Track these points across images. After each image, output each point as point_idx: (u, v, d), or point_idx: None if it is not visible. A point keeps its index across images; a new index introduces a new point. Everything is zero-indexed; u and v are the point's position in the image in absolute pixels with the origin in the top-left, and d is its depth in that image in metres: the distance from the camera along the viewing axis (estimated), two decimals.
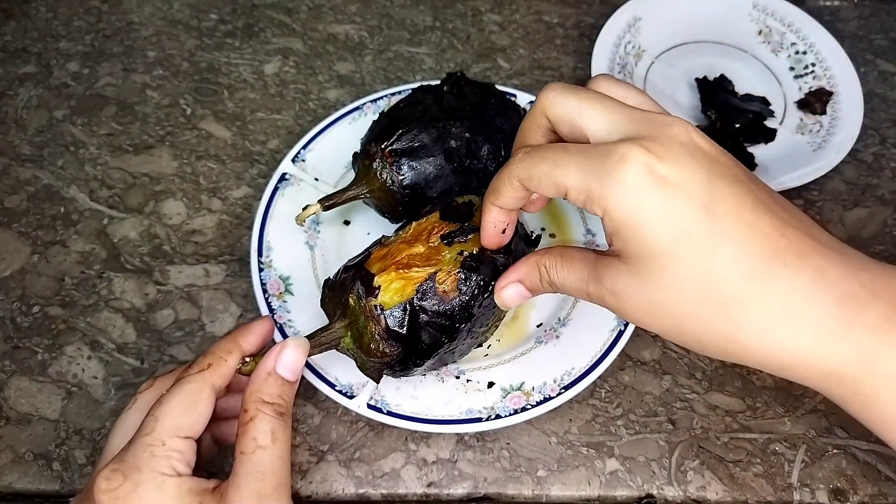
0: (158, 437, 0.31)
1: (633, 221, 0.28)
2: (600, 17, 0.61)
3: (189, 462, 0.32)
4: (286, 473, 0.33)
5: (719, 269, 0.28)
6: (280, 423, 0.33)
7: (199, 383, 0.33)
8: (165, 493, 0.30)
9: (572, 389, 0.41)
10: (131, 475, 0.30)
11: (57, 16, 0.63)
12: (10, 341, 0.45)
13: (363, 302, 0.36)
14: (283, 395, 0.34)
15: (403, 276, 0.36)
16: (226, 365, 0.35)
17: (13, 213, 0.51)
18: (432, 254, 0.37)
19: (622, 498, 0.41)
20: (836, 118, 0.55)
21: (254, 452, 0.32)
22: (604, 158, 0.29)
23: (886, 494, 0.41)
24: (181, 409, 0.32)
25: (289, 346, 0.35)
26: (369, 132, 0.45)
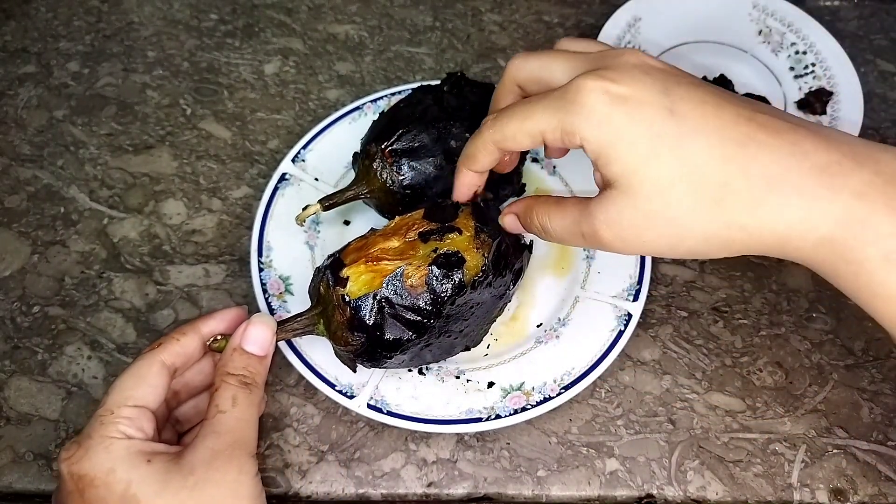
0: (108, 408, 0.33)
1: (607, 140, 0.30)
2: (600, 17, 0.61)
3: (141, 427, 0.33)
4: (247, 434, 0.34)
5: (698, 161, 0.30)
6: (243, 391, 0.35)
7: (147, 359, 0.35)
8: (113, 454, 0.32)
9: (572, 389, 0.41)
10: (84, 442, 0.33)
11: (57, 16, 0.63)
12: (10, 341, 0.45)
13: (332, 291, 0.37)
14: (249, 367, 0.36)
15: (373, 269, 0.37)
16: (177, 343, 0.36)
17: (13, 213, 0.51)
18: (406, 249, 0.37)
19: (622, 498, 0.41)
20: (836, 118, 0.55)
21: (214, 417, 0.34)
22: (565, 94, 0.31)
23: (886, 494, 0.41)
24: (129, 382, 0.35)
25: (253, 323, 0.37)
26: (369, 132, 0.45)
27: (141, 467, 0.32)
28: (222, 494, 0.32)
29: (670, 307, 0.47)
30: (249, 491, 0.33)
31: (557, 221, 0.34)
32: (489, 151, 0.35)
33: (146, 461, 0.32)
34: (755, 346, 0.46)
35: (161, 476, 0.32)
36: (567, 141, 0.32)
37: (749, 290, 0.48)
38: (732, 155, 0.29)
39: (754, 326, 0.47)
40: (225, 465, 0.32)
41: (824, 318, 0.47)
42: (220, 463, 0.32)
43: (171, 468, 0.32)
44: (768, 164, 0.29)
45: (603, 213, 0.32)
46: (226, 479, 0.32)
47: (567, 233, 0.34)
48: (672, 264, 0.49)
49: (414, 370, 0.42)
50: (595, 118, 0.30)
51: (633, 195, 0.31)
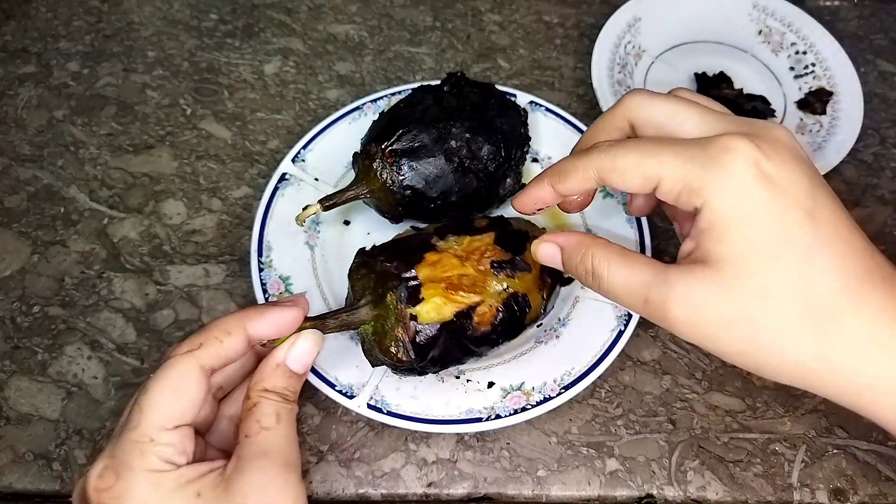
0: (145, 433, 0.29)
1: (735, 215, 0.27)
2: (600, 17, 0.61)
3: (185, 450, 0.30)
4: (294, 454, 0.31)
5: (818, 280, 0.27)
6: (285, 407, 0.32)
7: (186, 366, 0.30)
8: (161, 490, 0.28)
9: (572, 389, 0.41)
10: (124, 474, 0.28)
11: (57, 16, 0.63)
12: (10, 341, 0.45)
13: (401, 306, 0.36)
14: (289, 387, 0.33)
15: (448, 297, 0.36)
16: (220, 346, 0.31)
17: (13, 213, 0.51)
18: (479, 280, 0.37)
19: (622, 498, 0.41)
20: (836, 118, 0.55)
21: (258, 434, 0.31)
22: (707, 148, 0.27)
23: (886, 494, 0.41)
24: (166, 398, 0.30)
25: (302, 338, 0.34)
26: (369, 132, 0.45)
27: (191, 503, 0.29)
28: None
29: None
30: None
31: (621, 275, 0.30)
32: (587, 178, 0.31)
33: (196, 494, 0.29)
34: None
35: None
36: (684, 199, 0.28)
37: None
38: (851, 288, 0.27)
39: None
40: (281, 491, 0.30)
41: None
42: (274, 490, 0.29)
43: (222, 497, 0.29)
44: (879, 310, 0.27)
45: (685, 287, 0.28)
46: None
47: (625, 290, 0.30)
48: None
49: None
50: (734, 187, 0.27)
51: (732, 287, 0.27)
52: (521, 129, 0.46)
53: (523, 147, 0.47)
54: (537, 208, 0.35)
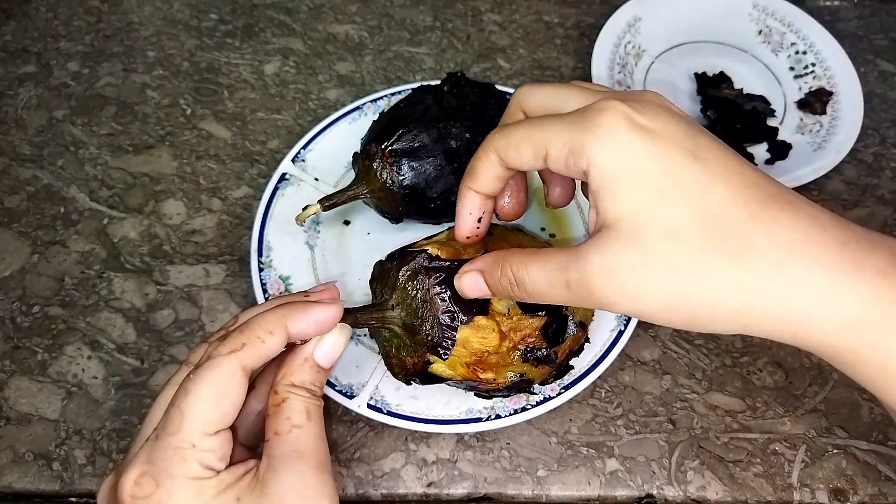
0: (187, 439, 0.28)
1: (619, 169, 0.27)
2: (600, 17, 0.61)
3: (224, 455, 0.29)
4: (325, 453, 0.31)
5: (719, 210, 0.27)
6: (314, 403, 0.31)
7: (229, 367, 0.29)
8: (204, 496, 0.28)
9: (572, 389, 0.41)
10: (164, 481, 0.27)
11: (57, 16, 0.63)
12: (10, 341, 0.45)
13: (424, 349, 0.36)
14: (317, 381, 0.32)
15: (467, 370, 0.36)
16: (263, 346, 0.30)
17: (13, 213, 0.51)
18: (504, 360, 0.36)
19: (622, 498, 0.41)
20: (836, 118, 0.55)
21: (289, 432, 0.30)
22: (584, 112, 0.29)
23: (886, 494, 0.41)
24: (209, 402, 0.28)
25: (333, 333, 0.33)
26: (369, 132, 0.45)
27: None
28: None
29: None
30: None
31: (536, 271, 0.30)
32: (491, 163, 0.32)
33: (236, 500, 0.28)
34: (755, 346, 0.46)
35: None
36: (572, 163, 0.28)
37: None
38: (757, 213, 0.26)
39: None
40: (316, 494, 0.29)
41: None
42: (310, 491, 0.29)
43: (260, 500, 0.28)
44: (791, 228, 0.26)
45: (597, 256, 0.28)
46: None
47: (548, 283, 0.29)
48: None
49: None
50: (611, 141, 0.27)
51: (637, 238, 0.27)
52: None
53: None
54: (476, 223, 0.34)
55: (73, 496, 0.41)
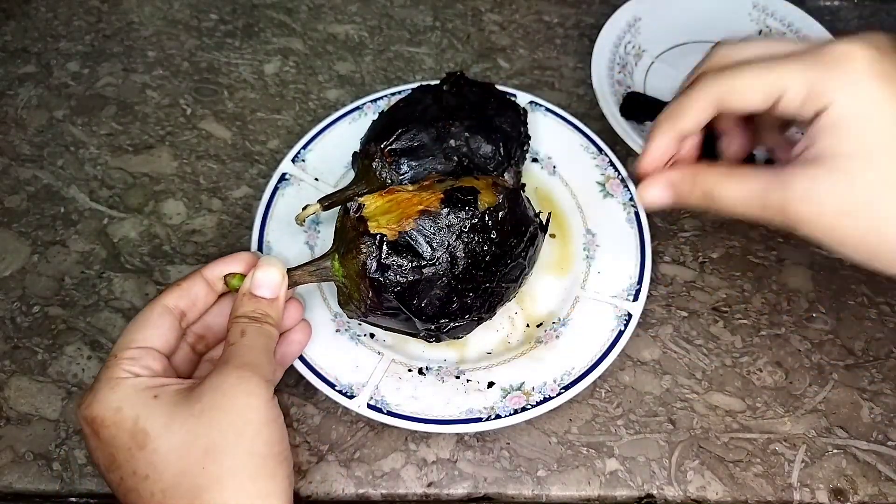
0: (112, 353, 0.34)
1: (859, 112, 0.28)
2: (600, 17, 0.61)
3: (147, 366, 0.34)
4: (256, 358, 0.34)
5: None
6: (251, 325, 0.35)
7: (149, 305, 0.36)
8: (118, 393, 0.32)
9: (572, 389, 0.41)
10: (93, 387, 0.33)
11: (57, 16, 0.63)
12: (10, 341, 0.45)
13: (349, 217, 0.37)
14: (258, 309, 0.36)
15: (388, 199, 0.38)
16: (179, 288, 0.37)
17: (13, 213, 0.51)
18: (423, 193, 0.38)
19: (622, 498, 0.41)
20: None
21: (225, 351, 0.34)
22: (824, 55, 0.29)
23: (886, 494, 0.41)
24: (131, 329, 0.35)
25: (260, 267, 0.37)
26: (369, 132, 0.45)
27: (148, 402, 0.32)
28: (230, 420, 0.31)
29: (670, 307, 0.47)
30: (260, 415, 0.32)
31: (734, 187, 0.31)
32: (704, 108, 0.32)
33: (153, 396, 0.32)
34: (755, 346, 0.46)
35: (169, 409, 0.31)
36: (808, 105, 0.29)
37: (749, 290, 0.48)
38: None
39: (754, 326, 0.47)
40: (231, 390, 0.32)
41: (824, 318, 0.47)
42: (226, 388, 0.32)
43: (180, 400, 0.32)
44: None
45: (806, 185, 0.29)
46: (234, 405, 0.31)
47: (745, 201, 0.31)
48: (672, 264, 0.49)
49: (414, 370, 0.42)
50: (857, 85, 0.28)
51: (855, 176, 0.28)
52: (520, 128, 0.46)
53: (523, 147, 0.47)
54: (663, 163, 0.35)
55: (73, 496, 0.41)
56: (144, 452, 0.31)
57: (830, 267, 0.49)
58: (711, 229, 0.51)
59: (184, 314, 0.37)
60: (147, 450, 0.31)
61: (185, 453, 0.30)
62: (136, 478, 0.31)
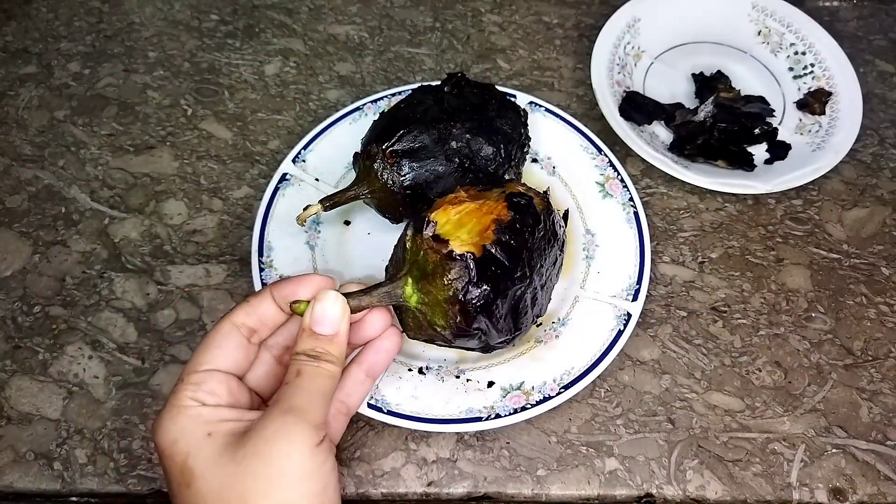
0: (180, 376, 0.33)
1: None
2: (600, 17, 0.61)
3: (213, 391, 0.33)
4: (305, 401, 0.32)
5: None
6: (309, 364, 0.34)
7: (217, 325, 0.35)
8: (178, 424, 0.32)
9: (572, 389, 0.41)
10: (162, 411, 0.33)
11: (58, 16, 0.63)
12: (11, 341, 0.45)
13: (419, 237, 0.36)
14: (318, 347, 0.34)
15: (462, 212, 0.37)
16: (248, 305, 0.36)
17: (14, 213, 0.51)
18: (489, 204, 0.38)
19: (622, 497, 0.41)
20: (835, 118, 0.55)
21: (280, 389, 0.33)
22: None
23: (886, 494, 0.41)
24: (200, 349, 0.34)
25: (319, 301, 0.35)
26: (370, 133, 0.45)
27: (200, 440, 0.31)
28: (264, 468, 0.29)
29: (670, 307, 0.47)
30: (296, 465, 0.30)
31: None
32: None
33: (207, 434, 0.31)
34: (754, 346, 0.46)
35: (217, 450, 0.31)
36: None
37: (748, 290, 0.48)
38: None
39: (753, 326, 0.47)
40: (273, 436, 0.30)
41: (823, 318, 0.47)
42: (267, 434, 0.30)
43: (230, 442, 0.31)
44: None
45: None
46: (271, 452, 0.30)
47: None
48: (671, 264, 0.49)
49: (414, 369, 0.42)
50: None
51: None
52: (521, 129, 0.46)
53: (523, 147, 0.47)
54: None
55: (73, 496, 0.41)
56: (189, 491, 0.30)
57: (829, 267, 0.50)
58: (710, 229, 0.51)
59: (253, 331, 0.36)
60: (192, 489, 0.30)
61: (220, 499, 0.30)
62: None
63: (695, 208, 0.52)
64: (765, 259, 0.50)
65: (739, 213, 0.52)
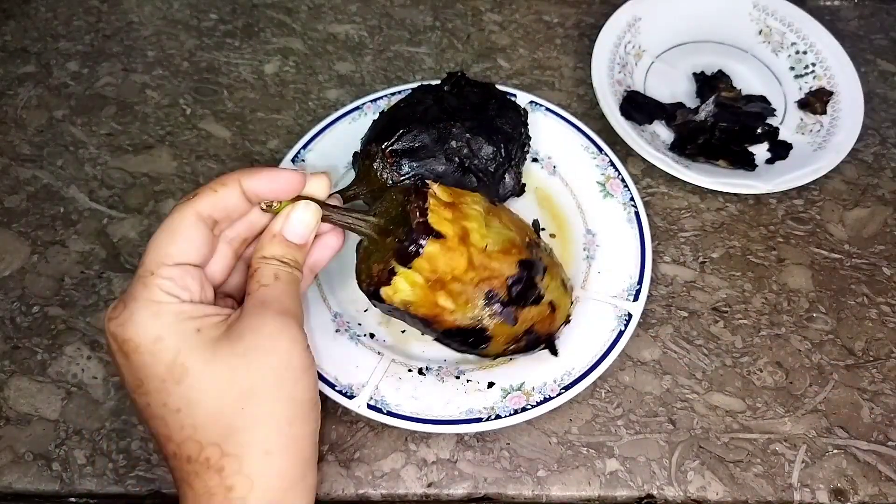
0: (147, 268, 0.32)
1: None
2: (600, 17, 0.61)
3: (186, 287, 0.32)
4: (293, 305, 0.33)
5: None
6: (284, 269, 0.34)
7: (180, 211, 0.33)
8: (161, 320, 0.31)
9: (572, 389, 0.41)
10: (129, 303, 0.31)
11: (57, 16, 0.63)
12: (10, 341, 0.45)
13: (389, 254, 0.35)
14: (287, 255, 0.35)
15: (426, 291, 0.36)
16: (214, 195, 0.33)
17: (13, 213, 0.51)
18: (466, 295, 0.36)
19: (622, 498, 0.41)
20: (836, 118, 0.55)
21: (257, 290, 0.33)
22: None
23: (886, 494, 0.41)
24: (164, 239, 0.32)
25: (298, 209, 0.35)
26: (369, 132, 0.45)
27: (190, 336, 0.31)
28: (273, 362, 0.31)
29: (670, 307, 0.47)
30: (301, 361, 0.32)
31: None
32: None
33: (196, 330, 0.31)
34: (755, 347, 0.46)
35: (210, 345, 0.31)
36: None
37: (749, 291, 0.48)
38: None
39: (754, 326, 0.47)
40: (276, 333, 0.31)
41: (824, 319, 0.47)
42: (269, 329, 0.31)
43: (221, 337, 0.31)
44: None
45: None
46: (277, 347, 0.31)
47: None
48: (672, 264, 0.49)
49: (414, 370, 0.42)
50: None
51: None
52: (521, 128, 0.46)
53: (523, 147, 0.47)
54: None
55: (72, 496, 0.41)
56: (180, 387, 0.30)
57: (831, 267, 0.49)
58: (711, 229, 0.51)
59: (216, 223, 0.34)
60: (184, 385, 0.30)
61: (223, 393, 0.30)
62: (167, 409, 0.30)
63: (696, 208, 0.52)
64: (766, 259, 0.50)
65: (740, 212, 0.52)
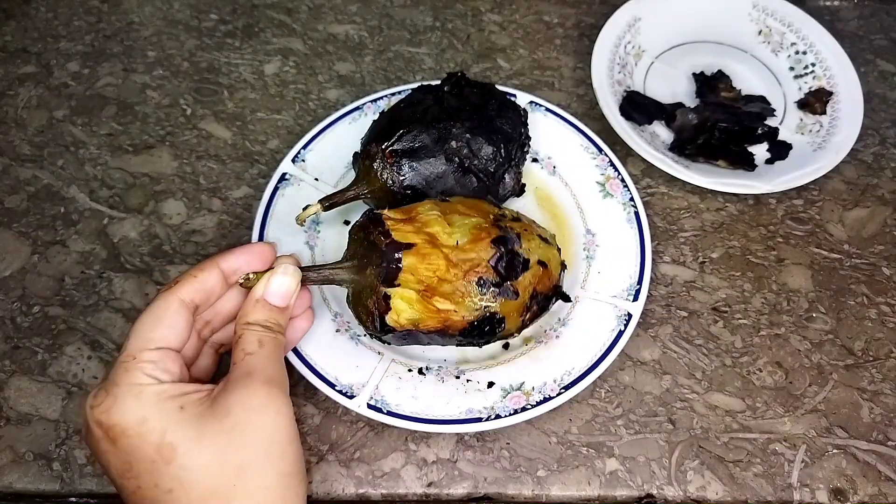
0: (129, 353, 0.32)
1: None
2: (600, 17, 0.61)
3: (167, 369, 0.33)
4: (277, 373, 0.34)
5: None
6: (268, 335, 0.35)
7: (164, 298, 0.34)
8: (143, 402, 0.31)
9: (572, 389, 0.41)
10: (111, 390, 0.31)
11: (57, 16, 0.63)
12: (11, 341, 0.45)
13: (377, 282, 0.37)
14: (270, 319, 0.35)
15: (422, 301, 0.37)
16: (195, 280, 0.35)
17: (13, 213, 0.51)
18: (460, 290, 0.37)
19: (622, 498, 0.41)
20: (835, 118, 0.55)
21: (243, 359, 0.34)
22: None
23: (886, 494, 0.41)
24: (147, 325, 0.34)
25: (277, 274, 0.36)
26: (370, 132, 0.45)
27: (174, 415, 0.31)
28: (260, 439, 0.31)
29: (670, 307, 0.47)
30: (287, 434, 0.32)
31: None
32: None
33: (179, 408, 0.31)
34: (755, 346, 0.46)
35: (197, 422, 0.31)
36: None
37: (749, 291, 0.48)
38: None
39: (754, 326, 0.47)
40: (261, 408, 0.32)
41: (824, 318, 0.47)
42: (255, 403, 0.31)
43: (206, 413, 0.31)
44: None
45: None
46: (263, 423, 0.31)
47: None
48: (672, 264, 0.49)
49: (414, 370, 0.42)
50: None
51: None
52: (521, 129, 0.46)
53: (523, 147, 0.47)
54: None
55: (73, 496, 0.41)
56: (171, 467, 0.30)
57: (830, 267, 0.49)
58: (711, 229, 0.51)
59: (197, 307, 0.36)
60: (174, 464, 0.30)
61: (216, 470, 0.30)
62: (158, 490, 0.30)
63: (695, 208, 0.52)
64: (766, 259, 0.50)
65: (740, 212, 0.52)
